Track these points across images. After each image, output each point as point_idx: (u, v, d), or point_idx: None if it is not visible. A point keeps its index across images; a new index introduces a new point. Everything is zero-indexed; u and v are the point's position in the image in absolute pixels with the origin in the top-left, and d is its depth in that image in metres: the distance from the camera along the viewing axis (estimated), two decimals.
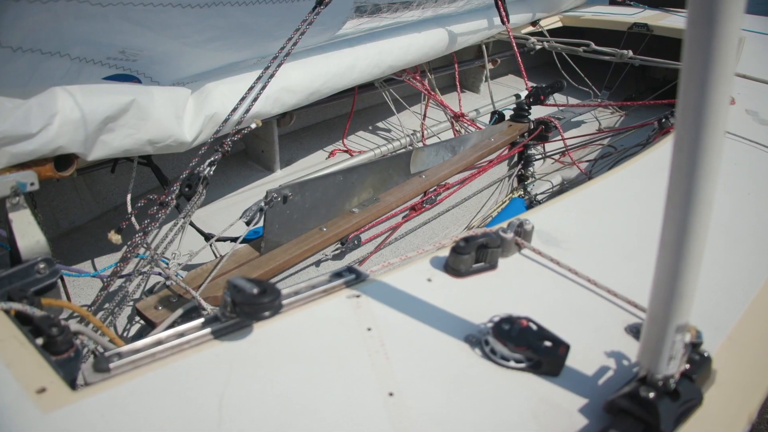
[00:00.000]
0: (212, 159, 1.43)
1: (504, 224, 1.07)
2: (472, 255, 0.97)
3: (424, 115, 2.94)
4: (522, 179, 2.60)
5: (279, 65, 1.51)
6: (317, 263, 1.67)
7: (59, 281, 1.16)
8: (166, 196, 1.37)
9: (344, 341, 0.84)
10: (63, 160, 1.35)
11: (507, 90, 3.83)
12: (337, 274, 0.96)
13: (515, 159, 2.54)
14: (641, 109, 3.47)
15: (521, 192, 2.57)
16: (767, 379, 0.92)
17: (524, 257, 1.06)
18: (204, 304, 1.34)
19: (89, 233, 2.12)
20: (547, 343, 0.80)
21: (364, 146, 2.86)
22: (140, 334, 1.61)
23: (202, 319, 0.84)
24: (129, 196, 1.66)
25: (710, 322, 0.97)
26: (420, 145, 2.89)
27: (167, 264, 1.56)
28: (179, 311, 1.33)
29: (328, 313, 0.89)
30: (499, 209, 2.42)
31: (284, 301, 0.90)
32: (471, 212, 2.35)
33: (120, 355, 0.77)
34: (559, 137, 2.62)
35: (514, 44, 2.64)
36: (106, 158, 1.48)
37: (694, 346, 0.87)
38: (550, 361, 0.80)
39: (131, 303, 1.50)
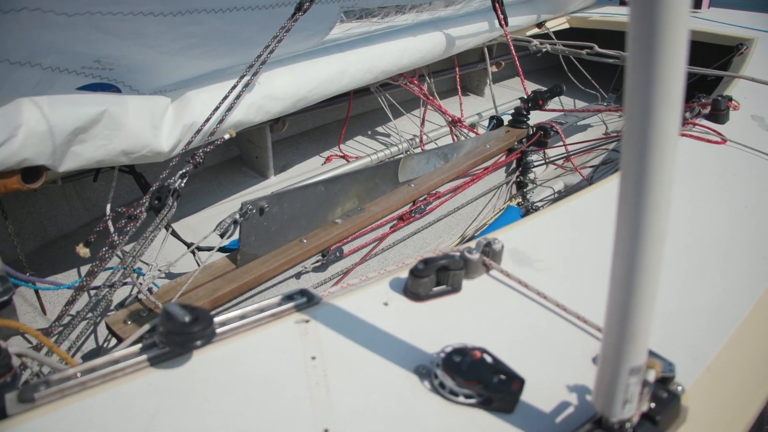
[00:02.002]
0: (184, 171, 1.39)
1: (472, 244, 1.02)
2: (432, 278, 0.92)
3: (423, 120, 2.89)
4: (521, 186, 2.53)
5: (254, 74, 1.47)
6: (297, 275, 1.63)
7: (36, 295, 1.14)
8: (134, 209, 1.34)
9: (285, 371, 0.79)
10: (31, 172, 1.33)
11: (513, 93, 3.76)
12: (288, 297, 0.91)
13: (513, 165, 2.48)
14: None
15: (519, 200, 2.50)
16: (747, 415, 0.85)
17: (492, 279, 1.00)
18: None
19: (78, 241, 2.10)
20: (500, 378, 0.75)
21: (361, 152, 2.81)
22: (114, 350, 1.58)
23: (140, 345, 0.80)
24: (108, 206, 1.63)
25: (688, 352, 0.90)
26: (418, 150, 2.84)
27: (144, 275, 1.53)
28: (146, 327, 1.29)
29: (273, 340, 0.84)
30: (495, 218, 2.35)
31: (229, 326, 0.86)
32: (466, 221, 2.29)
33: (48, 384, 0.73)
34: (561, 142, 2.54)
35: (512, 48, 2.57)
36: (80, 169, 1.46)
37: (664, 381, 0.81)
38: (501, 397, 0.74)
39: (109, 315, 1.48)
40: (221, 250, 1.63)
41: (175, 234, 1.84)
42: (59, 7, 1.21)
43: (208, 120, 1.49)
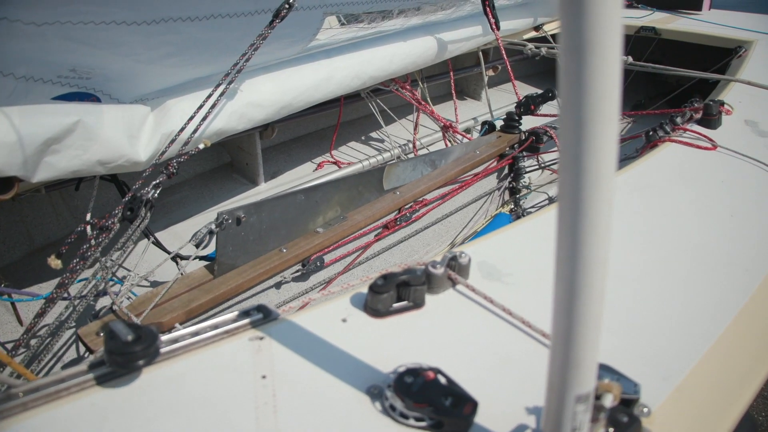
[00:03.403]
0: (157, 181, 1.37)
1: (438, 257, 0.99)
2: (392, 294, 0.89)
3: (415, 126, 2.86)
4: (513, 192, 2.50)
5: (230, 83, 1.45)
6: (277, 285, 1.61)
7: (12, 306, 1.12)
8: (106, 219, 1.32)
9: (233, 390, 0.77)
10: (2, 183, 1.32)
11: (511, 97, 3.72)
12: (244, 313, 0.89)
13: (506, 171, 2.44)
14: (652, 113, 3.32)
15: (511, 206, 2.46)
16: None
17: (457, 294, 0.97)
18: None
19: (71, 247, 2.10)
20: (451, 401, 0.72)
21: (354, 158, 2.79)
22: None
23: (88, 363, 0.79)
24: (88, 216, 1.62)
25: (658, 371, 0.87)
26: (411, 156, 2.81)
27: (122, 284, 1.52)
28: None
29: (225, 358, 0.82)
30: (485, 226, 2.32)
31: (181, 343, 0.84)
32: (456, 228, 2.26)
33: None
34: (556, 147, 2.51)
35: (504, 52, 2.54)
36: (55, 179, 1.45)
37: (628, 403, 0.78)
38: (453, 421, 0.71)
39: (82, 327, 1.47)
40: (204, 258, 1.61)
41: (157, 242, 1.82)
42: (27, 17, 1.20)
43: (182, 130, 1.47)
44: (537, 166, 2.58)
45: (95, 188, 1.67)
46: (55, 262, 1.31)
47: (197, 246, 1.42)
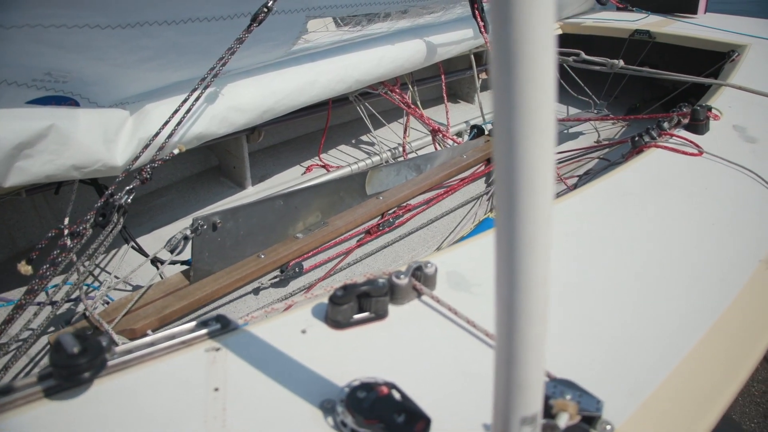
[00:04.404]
0: (131, 187, 1.36)
1: (403, 267, 0.97)
2: (352, 305, 0.88)
3: (405, 129, 2.84)
4: None
5: (206, 87, 1.44)
6: (255, 291, 1.59)
7: None
8: (77, 225, 1.31)
9: (183, 403, 0.75)
10: None
11: None
12: (203, 323, 0.87)
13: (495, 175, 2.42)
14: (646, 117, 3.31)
15: None
16: None
17: (422, 305, 0.95)
18: (116, 338, 1.28)
19: (48, 252, 2.08)
20: (403, 417, 0.70)
21: (343, 161, 2.77)
22: None
23: (37, 374, 0.77)
24: (67, 220, 1.61)
25: (626, 386, 0.85)
26: (401, 159, 2.80)
27: (98, 289, 1.51)
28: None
29: (178, 369, 0.80)
30: (472, 229, 2.30)
31: (136, 354, 0.82)
32: (443, 233, 2.24)
33: None
34: None
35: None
36: (28, 184, 1.43)
37: (589, 421, 0.76)
38: None
39: (52, 333, 1.45)
40: (185, 263, 1.60)
41: (136, 246, 1.81)
42: None
43: (157, 135, 1.45)
44: None
45: (74, 192, 1.66)
46: (25, 268, 1.30)
47: (171, 252, 1.40)
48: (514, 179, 0.47)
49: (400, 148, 2.80)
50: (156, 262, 1.65)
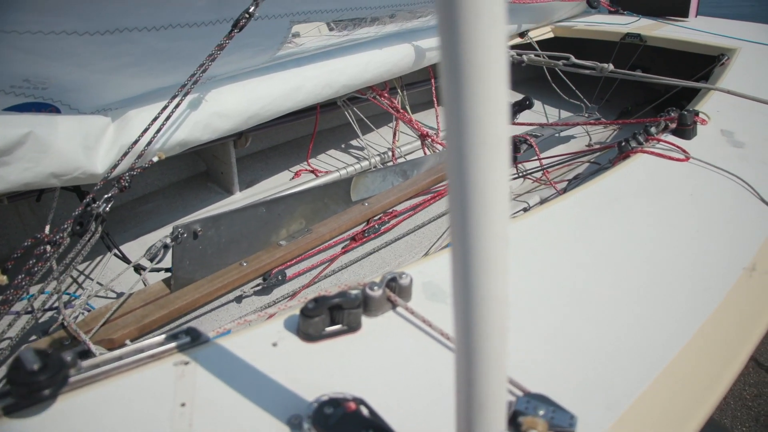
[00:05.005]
0: (109, 195, 1.35)
1: (377, 278, 0.96)
2: (324, 318, 0.86)
3: (394, 134, 2.83)
4: None
5: (186, 94, 1.42)
6: (238, 299, 1.58)
7: None
8: (54, 234, 1.29)
9: (149, 420, 0.73)
10: None
11: None
12: (173, 336, 0.86)
13: None
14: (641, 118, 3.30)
15: None
16: None
17: (397, 317, 0.94)
18: (93, 348, 1.26)
19: (25, 262, 2.06)
20: None
21: (332, 166, 2.76)
22: None
23: None
24: (48, 228, 1.59)
25: (602, 399, 0.84)
26: (390, 164, 2.79)
27: (78, 298, 1.49)
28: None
29: (146, 384, 0.79)
30: None
31: (103, 368, 0.81)
32: (430, 238, 2.22)
33: None
34: (535, 156, 2.49)
35: None
36: (6, 192, 1.42)
37: None
38: None
39: (30, 343, 1.43)
40: (168, 270, 1.58)
41: (119, 253, 1.80)
42: None
43: (136, 142, 1.44)
44: (516, 175, 2.56)
45: (55, 200, 1.64)
46: (0, 278, 1.28)
47: (151, 260, 1.39)
48: (466, 197, 0.45)
49: (390, 153, 2.79)
50: (139, 269, 1.64)
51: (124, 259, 1.80)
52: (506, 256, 0.49)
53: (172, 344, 0.84)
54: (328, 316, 0.87)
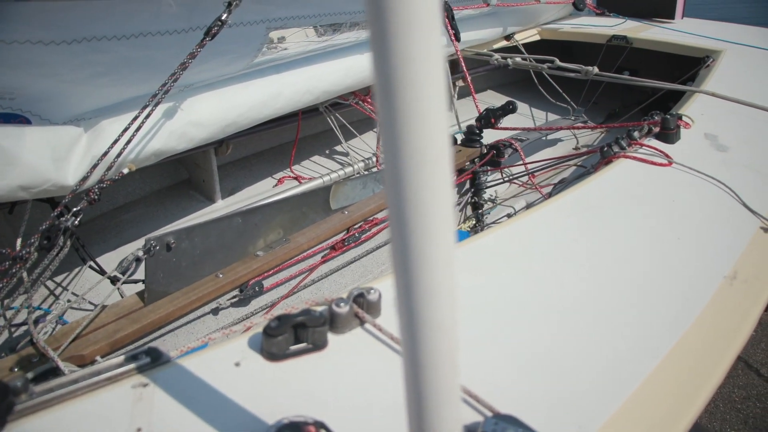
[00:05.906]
0: (78, 209, 1.31)
1: (344, 294, 0.93)
2: (287, 336, 0.83)
3: (378, 139, 2.81)
4: (476, 207, 2.45)
5: (157, 104, 1.40)
6: (215, 311, 1.55)
7: None
8: (21, 249, 1.26)
9: None
10: None
11: (483, 107, 3.68)
12: (132, 357, 0.83)
13: (467, 186, 2.39)
14: (628, 120, 3.29)
15: (473, 221, 2.41)
16: None
17: (365, 333, 0.91)
18: (62, 366, 1.23)
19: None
20: None
21: (316, 172, 2.73)
22: None
23: None
24: (19, 240, 1.56)
25: (573, 419, 0.81)
26: (374, 170, 2.76)
27: (50, 312, 1.46)
28: (29, 375, 1.22)
29: (101, 408, 0.76)
30: None
31: (57, 393, 0.78)
32: None
33: None
34: (520, 161, 2.47)
35: (464, 65, 2.50)
36: None
37: None
38: None
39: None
40: (144, 282, 1.55)
41: (95, 265, 1.76)
42: None
43: (106, 154, 1.41)
44: (501, 180, 2.54)
45: (27, 212, 1.61)
46: None
47: (123, 273, 1.36)
48: (405, 220, 0.43)
49: (374, 158, 2.76)
50: (115, 281, 1.60)
51: (100, 270, 1.77)
52: (452, 281, 0.46)
53: (132, 365, 0.81)
54: (293, 334, 0.84)
